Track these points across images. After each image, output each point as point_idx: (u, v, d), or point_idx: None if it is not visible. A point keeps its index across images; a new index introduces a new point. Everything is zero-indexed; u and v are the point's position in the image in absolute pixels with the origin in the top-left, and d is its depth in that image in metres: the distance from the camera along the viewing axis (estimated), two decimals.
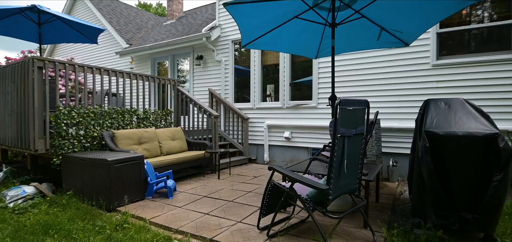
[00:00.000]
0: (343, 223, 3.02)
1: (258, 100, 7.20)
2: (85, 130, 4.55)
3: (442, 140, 2.42)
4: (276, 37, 4.15)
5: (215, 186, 4.67)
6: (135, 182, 3.81)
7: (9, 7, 5.45)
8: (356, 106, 2.27)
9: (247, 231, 2.80)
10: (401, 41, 4.06)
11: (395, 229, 2.75)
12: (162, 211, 3.47)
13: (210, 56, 7.98)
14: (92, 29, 6.56)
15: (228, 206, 3.61)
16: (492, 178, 2.29)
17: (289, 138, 6.56)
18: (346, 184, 2.37)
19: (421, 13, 3.34)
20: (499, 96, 4.63)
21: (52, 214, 3.53)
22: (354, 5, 3.55)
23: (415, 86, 5.22)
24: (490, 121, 2.47)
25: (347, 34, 4.12)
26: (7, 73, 4.76)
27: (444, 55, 5.08)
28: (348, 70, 5.88)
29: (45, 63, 4.25)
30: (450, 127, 2.46)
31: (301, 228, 2.88)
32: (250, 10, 3.27)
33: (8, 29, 6.42)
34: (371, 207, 3.54)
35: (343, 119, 2.15)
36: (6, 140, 4.84)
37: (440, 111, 2.63)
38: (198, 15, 10.77)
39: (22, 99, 4.33)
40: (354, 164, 2.39)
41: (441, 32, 5.05)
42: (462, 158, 2.38)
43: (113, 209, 3.56)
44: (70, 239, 2.87)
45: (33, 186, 4.22)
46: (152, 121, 5.73)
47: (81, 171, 3.88)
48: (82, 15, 11.73)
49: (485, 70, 4.73)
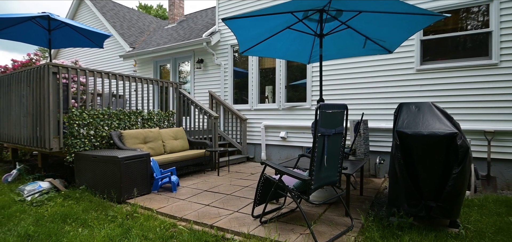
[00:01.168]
0: (328, 212, 3.41)
1: (255, 102, 7.58)
2: (95, 130, 4.94)
3: (411, 138, 2.81)
4: (271, 45, 4.54)
5: (214, 181, 5.06)
6: (142, 177, 4.20)
7: (22, 15, 5.83)
8: (335, 110, 2.65)
9: (243, 219, 3.19)
10: (385, 49, 4.44)
11: (372, 216, 3.14)
12: (167, 202, 3.86)
13: (210, 60, 8.37)
14: (98, 35, 6.94)
15: (226, 199, 4.00)
16: (452, 171, 2.68)
17: (285, 137, 6.95)
18: (327, 176, 2.76)
19: (399, 26, 3.72)
20: (477, 98, 5.02)
21: (67, 206, 3.91)
22: (340, 18, 3.94)
23: (401, 89, 5.60)
24: (452, 122, 2.86)
25: (335, 42, 4.50)
26: (22, 78, 5.15)
27: (428, 60, 5.47)
28: (339, 75, 6.27)
29: (59, 69, 4.63)
30: (418, 127, 2.84)
31: (290, 216, 3.26)
32: (246, 23, 3.66)
33: (20, 35, 6.80)
34: (355, 199, 3.92)
35: (323, 120, 2.54)
36: (21, 139, 5.22)
37: (410, 114, 3.02)
38: (198, 19, 11.16)
39: (38, 102, 4.71)
40: (334, 159, 2.78)
41: (424, 39, 5.44)
42: (427, 154, 2.77)
43: (123, 201, 3.95)
44: (86, 226, 3.25)
45: (48, 182, 4.60)
46: (156, 121, 6.12)
47: (93, 167, 4.27)
48: (86, 19, 12.12)
49: (465, 75, 5.12)
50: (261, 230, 2.84)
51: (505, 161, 4.86)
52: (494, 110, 4.90)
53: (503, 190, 4.80)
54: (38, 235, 3.01)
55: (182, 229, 3.02)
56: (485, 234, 2.83)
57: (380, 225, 2.97)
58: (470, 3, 5.09)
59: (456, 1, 5.17)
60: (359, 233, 2.84)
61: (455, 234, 2.80)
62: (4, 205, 4.01)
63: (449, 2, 5.23)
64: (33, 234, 3.04)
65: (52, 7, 70.82)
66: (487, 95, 4.95)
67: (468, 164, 2.66)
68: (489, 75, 4.95)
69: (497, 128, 4.83)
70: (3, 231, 3.15)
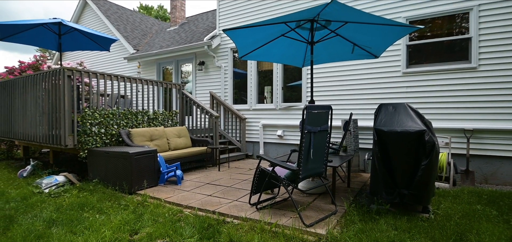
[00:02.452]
0: (317, 201, 3.83)
1: (254, 102, 8.01)
2: (105, 128, 5.37)
3: (386, 135, 3.23)
4: (267, 51, 4.96)
5: (216, 176, 5.48)
6: (150, 171, 4.63)
7: (35, 21, 6.25)
8: (320, 110, 3.07)
9: (241, 206, 3.61)
10: (371, 54, 4.86)
11: (354, 204, 3.57)
12: (173, 193, 4.29)
13: (211, 62, 8.79)
14: (105, 39, 7.36)
15: (226, 190, 4.43)
16: (421, 163, 3.10)
17: (282, 135, 7.38)
18: (314, 168, 3.18)
19: (381, 35, 4.14)
20: (458, 99, 5.45)
21: (82, 197, 4.33)
22: (329, 26, 4.35)
23: (388, 90, 6.03)
24: (423, 121, 3.28)
25: (326, 48, 4.92)
26: (38, 80, 5.57)
27: (413, 64, 5.89)
28: (331, 77, 6.70)
29: (73, 72, 5.06)
30: (393, 125, 3.27)
31: (283, 204, 3.69)
32: (244, 33, 4.08)
33: (32, 39, 7.23)
34: (343, 190, 4.35)
35: (310, 119, 2.96)
36: (37, 137, 5.64)
37: (388, 113, 3.44)
38: (199, 22, 11.58)
39: (53, 103, 5.14)
40: (319, 152, 3.20)
41: (410, 44, 5.86)
42: (400, 148, 3.19)
43: (134, 193, 4.37)
44: (102, 213, 3.68)
45: (63, 176, 5.03)
46: (160, 120, 6.54)
47: (105, 162, 4.70)
48: (91, 22, 12.55)
49: (447, 77, 5.54)
50: (257, 215, 3.27)
51: (483, 157, 5.28)
52: (473, 110, 5.32)
53: (481, 184, 5.22)
54: (61, 220, 3.44)
55: (188, 215, 3.45)
56: (451, 218, 3.26)
57: (361, 211, 3.39)
58: (452, 11, 5.50)
59: (440, 9, 5.58)
60: (342, 217, 3.26)
61: (425, 218, 3.22)
62: (25, 196, 4.44)
63: (433, 10, 5.65)
64: (56, 219, 3.46)
65: (52, 7, 71.05)
66: (467, 96, 5.37)
67: (435, 157, 3.08)
68: (468, 78, 5.37)
69: (475, 126, 5.25)
70: (30, 217, 3.58)
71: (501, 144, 5.13)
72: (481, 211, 3.51)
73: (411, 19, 5.86)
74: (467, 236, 2.84)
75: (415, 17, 5.82)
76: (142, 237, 2.91)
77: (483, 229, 2.97)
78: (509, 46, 5.06)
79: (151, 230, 3.03)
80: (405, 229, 2.97)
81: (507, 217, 3.35)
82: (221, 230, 2.97)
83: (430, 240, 2.75)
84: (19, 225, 3.30)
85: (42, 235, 3.03)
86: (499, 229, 2.98)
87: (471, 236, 2.84)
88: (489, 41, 5.21)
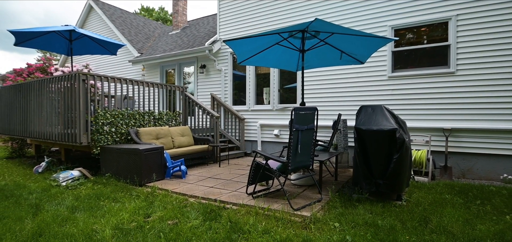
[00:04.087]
0: (306, 192, 4.33)
1: (252, 103, 8.52)
2: (116, 127, 5.88)
3: (364, 132, 3.74)
4: (264, 57, 5.47)
5: (216, 171, 5.99)
6: (158, 166, 5.14)
7: (49, 28, 6.76)
8: (307, 111, 3.58)
9: (239, 195, 4.12)
10: (358, 60, 5.37)
11: (338, 193, 4.08)
12: (179, 185, 4.80)
13: (212, 66, 9.31)
14: (113, 44, 7.88)
15: (226, 183, 4.94)
16: (393, 156, 3.61)
17: (278, 135, 7.88)
18: (301, 161, 3.68)
19: (364, 45, 4.66)
20: (438, 101, 5.96)
21: (97, 189, 4.84)
22: (319, 36, 4.87)
23: (375, 93, 6.54)
24: (396, 121, 3.79)
25: (317, 54, 5.43)
26: (54, 83, 6.08)
27: (398, 68, 6.40)
28: (323, 80, 7.21)
29: (87, 77, 5.57)
30: (370, 124, 3.77)
31: (275, 194, 4.19)
32: (242, 42, 4.59)
33: (44, 44, 7.76)
34: (330, 183, 4.85)
35: (297, 119, 3.47)
36: (53, 136, 6.14)
37: (367, 114, 3.95)
38: (200, 26, 12.10)
39: (69, 104, 5.65)
40: (306, 148, 3.70)
41: (395, 50, 6.38)
42: (376, 144, 3.70)
43: (143, 185, 4.88)
44: (117, 202, 4.18)
45: (78, 171, 5.54)
46: (165, 120, 7.05)
47: (117, 158, 5.21)
48: (96, 26, 13.06)
49: (428, 81, 6.05)
50: (252, 202, 3.78)
51: (460, 154, 5.79)
52: (451, 111, 5.83)
53: (458, 178, 5.72)
54: (82, 207, 3.95)
55: (192, 202, 3.96)
56: (421, 204, 3.77)
57: (343, 199, 3.90)
58: (433, 20, 6.02)
59: (422, 19, 6.10)
60: (326, 204, 3.77)
61: (398, 205, 3.73)
62: (45, 188, 4.95)
63: (415, 19, 6.16)
64: (77, 206, 3.97)
65: (53, 8, 71.45)
66: (446, 98, 5.88)
67: (405, 151, 3.59)
68: (447, 81, 5.88)
69: (453, 126, 5.76)
70: (54, 204, 4.08)
71: (477, 142, 5.64)
72: (449, 200, 4.02)
73: (396, 28, 6.38)
74: (430, 218, 3.35)
75: (400, 26, 6.33)
76: (154, 219, 3.41)
77: (446, 213, 3.47)
78: (484, 53, 5.57)
79: (162, 214, 3.54)
80: (379, 213, 3.48)
81: (470, 204, 3.86)
82: (222, 214, 3.48)
83: (399, 221, 3.26)
84: (46, 211, 3.80)
85: (68, 218, 3.54)
86: (459, 213, 3.49)
87: (434, 218, 3.35)
88: (466, 48, 5.72)
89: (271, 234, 2.93)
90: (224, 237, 2.91)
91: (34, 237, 3.03)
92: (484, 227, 3.12)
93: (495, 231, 3.02)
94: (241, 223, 3.17)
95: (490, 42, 5.52)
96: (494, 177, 5.53)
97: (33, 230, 3.17)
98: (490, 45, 5.52)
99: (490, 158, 5.58)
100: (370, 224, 3.15)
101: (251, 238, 2.89)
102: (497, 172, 5.51)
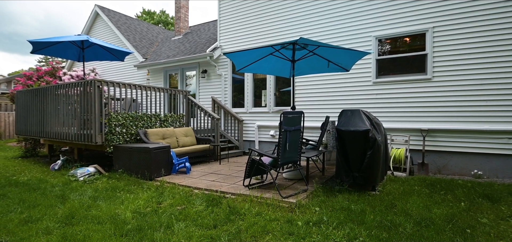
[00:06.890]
0: (295, 184, 4.98)
1: (250, 106, 9.18)
2: (126, 129, 6.53)
3: (343, 133, 4.39)
4: (260, 65, 6.12)
5: (217, 168, 6.64)
6: (165, 162, 5.79)
7: (64, 38, 7.40)
8: (294, 115, 4.23)
9: (237, 187, 4.78)
10: (343, 68, 6.02)
11: (322, 185, 4.73)
12: (184, 180, 5.45)
13: (212, 71, 9.97)
14: (121, 52, 8.54)
15: (226, 177, 5.59)
16: (367, 153, 4.26)
17: (274, 135, 8.53)
18: (290, 157, 4.34)
19: (346, 56, 5.32)
20: (416, 104, 6.61)
21: (112, 183, 5.48)
22: (308, 48, 5.52)
23: (361, 97, 7.20)
24: (371, 123, 4.44)
25: (307, 63, 6.08)
26: (70, 88, 6.73)
27: (382, 75, 7.06)
28: (314, 85, 7.87)
29: (101, 83, 6.22)
30: (349, 126, 4.43)
31: (268, 186, 4.85)
32: (240, 53, 5.24)
33: (58, 52, 8.41)
34: (318, 177, 5.50)
35: (286, 121, 4.12)
36: (69, 136, 6.80)
37: (346, 117, 4.60)
38: (202, 32, 12.76)
39: (85, 107, 6.30)
40: (294, 146, 4.35)
41: (379, 58, 7.04)
42: (353, 143, 4.35)
43: (153, 179, 5.53)
44: (131, 193, 4.83)
45: (93, 167, 6.19)
46: (170, 122, 7.70)
47: (129, 156, 5.86)
48: (102, 32, 13.72)
49: (408, 86, 6.71)
50: (248, 192, 4.43)
51: (436, 152, 6.44)
52: (428, 113, 6.49)
53: (435, 174, 6.37)
54: (102, 197, 4.59)
55: (197, 193, 4.61)
56: (391, 194, 4.42)
57: (326, 189, 4.55)
58: (412, 31, 6.68)
59: (402, 30, 6.76)
60: (310, 193, 4.42)
61: (372, 194, 4.38)
62: (65, 183, 5.60)
63: (397, 31, 6.82)
64: (98, 196, 4.62)
65: (53, 9, 71.99)
66: (423, 102, 6.54)
67: (377, 148, 4.24)
68: (425, 87, 6.53)
69: (430, 127, 6.42)
70: (77, 195, 4.73)
71: (451, 141, 6.29)
72: (417, 190, 4.68)
73: (380, 38, 7.04)
74: (396, 204, 4.01)
75: (383, 36, 7.00)
76: (166, 205, 4.07)
77: (410, 201, 4.13)
78: (457, 61, 6.22)
79: (171, 201, 4.19)
80: (354, 200, 4.13)
81: (433, 194, 4.52)
82: (222, 202, 4.13)
83: (369, 206, 3.91)
84: (72, 200, 4.45)
85: (91, 206, 4.19)
86: (422, 200, 4.15)
87: (399, 203, 4.01)
88: (441, 57, 6.37)
89: (262, 216, 3.58)
90: (224, 218, 3.56)
91: (67, 218, 3.68)
92: (439, 211, 3.77)
93: (447, 214, 3.67)
94: (238, 208, 3.82)
95: (463, 52, 6.18)
96: (466, 172, 6.18)
97: (65, 213, 3.82)
98: (462, 55, 6.18)
99: (463, 155, 6.23)
100: (345, 208, 3.80)
101: (246, 218, 3.54)
102: (469, 168, 6.16)
